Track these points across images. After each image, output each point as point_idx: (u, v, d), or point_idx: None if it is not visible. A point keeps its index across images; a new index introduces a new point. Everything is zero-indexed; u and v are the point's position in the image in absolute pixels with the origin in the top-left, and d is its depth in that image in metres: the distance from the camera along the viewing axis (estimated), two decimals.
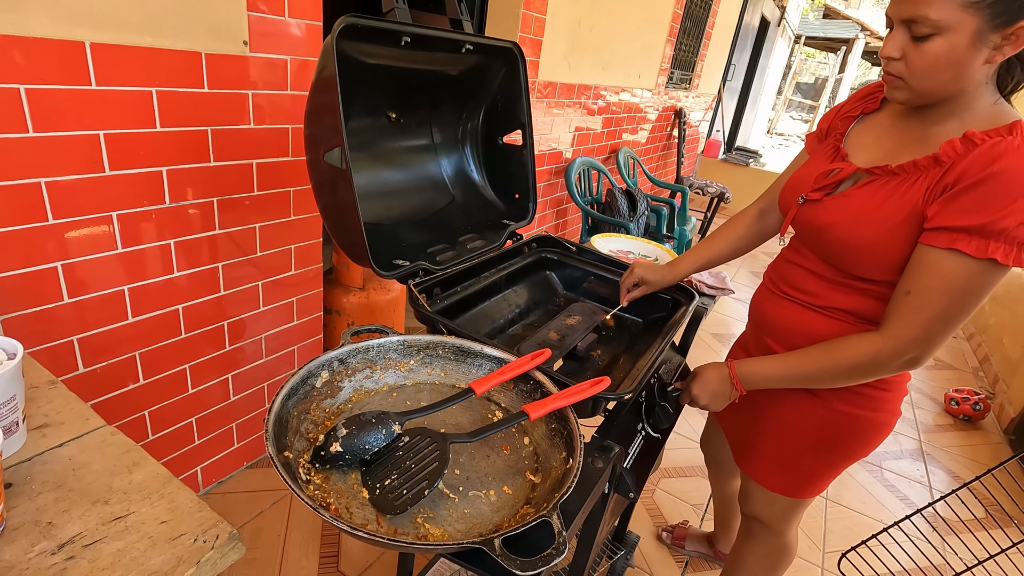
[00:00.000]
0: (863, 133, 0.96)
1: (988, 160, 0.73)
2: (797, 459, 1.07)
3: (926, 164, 0.81)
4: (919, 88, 0.79)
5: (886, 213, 0.82)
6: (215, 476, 1.70)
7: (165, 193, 1.26)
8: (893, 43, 0.78)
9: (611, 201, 3.20)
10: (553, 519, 0.55)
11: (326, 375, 0.74)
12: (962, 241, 0.75)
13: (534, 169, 1.26)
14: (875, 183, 0.86)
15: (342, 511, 0.59)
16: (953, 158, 0.78)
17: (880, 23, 10.62)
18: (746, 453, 1.16)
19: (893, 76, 0.81)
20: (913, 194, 0.81)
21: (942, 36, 0.73)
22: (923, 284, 0.79)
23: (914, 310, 0.80)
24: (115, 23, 1.07)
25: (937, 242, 0.77)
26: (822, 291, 0.94)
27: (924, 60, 0.76)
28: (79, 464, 0.64)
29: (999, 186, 0.72)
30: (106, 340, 1.27)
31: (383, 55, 1.02)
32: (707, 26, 4.71)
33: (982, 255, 0.74)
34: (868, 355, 0.85)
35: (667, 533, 1.78)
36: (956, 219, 0.75)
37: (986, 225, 0.73)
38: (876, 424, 1.00)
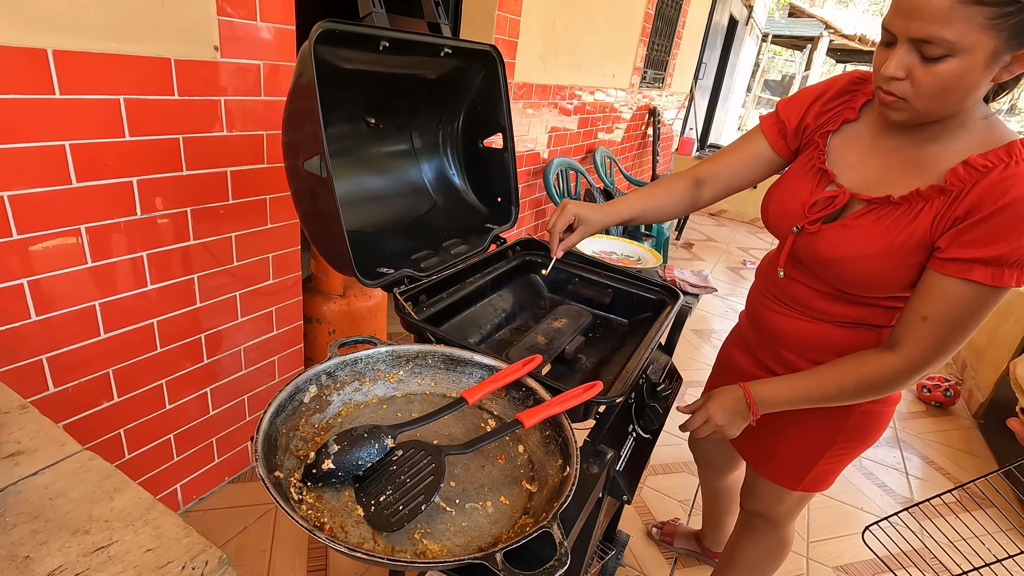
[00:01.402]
0: (843, 148, 0.92)
1: (1000, 192, 0.73)
2: (817, 456, 1.06)
3: (931, 194, 0.80)
4: (923, 110, 0.76)
5: (894, 245, 0.82)
6: (196, 493, 1.66)
7: (136, 204, 1.22)
8: (897, 62, 0.73)
9: (589, 201, 3.21)
10: (554, 529, 0.55)
11: (314, 390, 0.73)
12: (977, 272, 0.75)
13: (516, 172, 1.26)
14: (876, 212, 0.84)
15: (337, 530, 0.58)
16: (959, 187, 0.77)
17: (844, 21, 10.90)
18: (763, 457, 1.15)
19: (895, 97, 0.76)
20: (919, 224, 0.80)
21: (956, 58, 0.69)
22: (939, 311, 0.79)
23: (930, 335, 0.81)
24: (78, 29, 1.03)
25: (952, 272, 0.77)
26: (830, 307, 0.94)
27: (934, 83, 0.71)
28: (56, 493, 0.61)
29: (1012, 218, 0.72)
30: (77, 358, 1.22)
31: (361, 60, 1.00)
32: (678, 25, 4.76)
33: (997, 283, 0.75)
34: (888, 376, 0.86)
35: (657, 529, 1.79)
36: (970, 251, 0.75)
37: (1002, 256, 0.74)
38: (884, 415, 1.02)
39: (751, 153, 1.03)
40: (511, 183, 1.27)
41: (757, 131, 1.03)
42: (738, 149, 1.05)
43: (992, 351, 2.86)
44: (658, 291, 1.21)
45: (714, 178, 1.07)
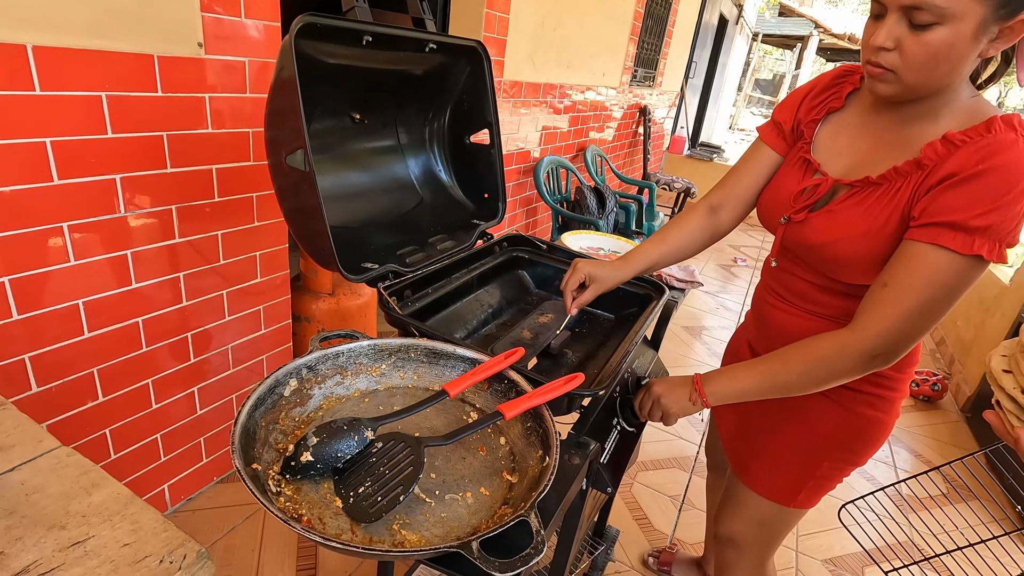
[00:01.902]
0: (833, 136, 0.91)
1: (977, 158, 0.71)
2: (806, 461, 1.00)
3: (908, 170, 0.78)
4: (912, 82, 0.74)
5: (876, 226, 0.80)
6: (184, 493, 1.65)
7: (119, 202, 1.22)
8: (887, 31, 0.71)
9: (580, 199, 3.22)
10: (531, 518, 0.55)
11: (295, 383, 0.72)
12: (946, 236, 0.72)
13: (502, 168, 1.26)
14: (858, 195, 0.83)
15: (315, 522, 0.58)
16: (936, 161, 0.75)
17: (834, 20, 10.97)
18: (748, 458, 1.08)
19: (883, 69, 0.74)
20: (899, 201, 0.78)
21: (946, 25, 0.67)
22: (902, 277, 0.75)
23: (888, 303, 0.77)
24: (58, 25, 1.02)
25: (920, 236, 0.74)
26: (827, 300, 0.91)
27: (924, 51, 0.70)
28: (32, 488, 0.61)
29: (990, 182, 0.70)
30: (61, 357, 1.22)
31: (344, 55, 1.00)
32: (668, 24, 4.78)
33: (967, 251, 0.71)
34: (835, 351, 0.81)
35: (653, 559, 1.68)
36: (941, 214, 0.72)
37: (971, 220, 0.70)
38: (884, 426, 0.97)
39: (758, 164, 1.01)
40: (498, 179, 1.27)
41: (758, 142, 1.02)
42: (745, 164, 1.03)
43: (979, 346, 2.89)
44: (644, 286, 1.21)
45: (728, 199, 1.04)
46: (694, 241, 1.07)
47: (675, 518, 1.88)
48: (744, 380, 0.89)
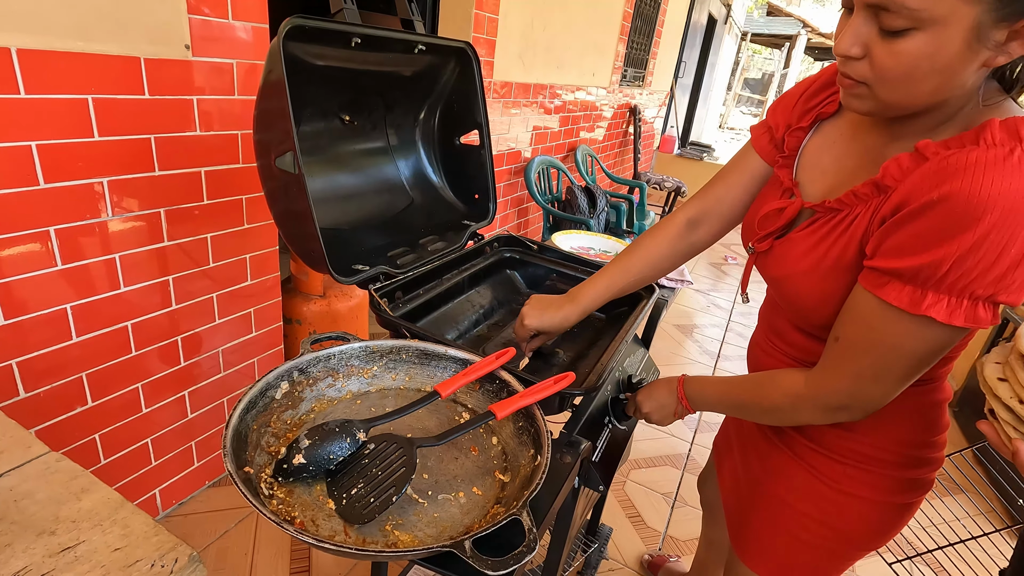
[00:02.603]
0: (821, 150, 0.75)
1: (934, 181, 0.54)
2: (791, 543, 0.86)
3: (867, 192, 0.63)
4: (888, 99, 0.58)
5: (827, 262, 0.66)
6: (175, 498, 1.64)
7: (107, 205, 1.21)
8: (852, 35, 0.56)
9: (571, 199, 3.23)
10: (523, 517, 0.55)
11: (286, 386, 0.72)
12: (892, 289, 0.58)
13: (493, 169, 1.26)
14: (817, 223, 0.69)
15: (308, 524, 0.58)
16: (898, 180, 0.59)
17: (822, 20, 11.07)
18: (741, 528, 0.96)
19: (853, 80, 0.60)
20: (854, 232, 0.64)
21: (925, 31, 0.52)
22: (851, 331, 0.64)
23: (840, 359, 0.66)
24: (43, 27, 1.02)
25: (867, 284, 0.61)
26: (804, 342, 0.78)
27: (897, 63, 0.54)
28: (21, 494, 0.60)
29: (942, 216, 0.53)
30: (49, 362, 1.20)
31: (333, 56, 1.00)
32: (657, 24, 4.81)
33: (915, 310, 0.56)
34: (786, 398, 0.73)
35: (648, 557, 1.68)
36: (889, 258, 0.58)
37: (922, 269, 0.55)
38: (886, 511, 0.79)
39: (744, 174, 0.87)
40: (488, 179, 1.27)
41: (748, 147, 0.88)
42: (731, 173, 0.89)
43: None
44: None
45: (709, 215, 0.92)
46: (663, 265, 0.96)
47: (668, 516, 1.90)
48: (717, 403, 0.86)
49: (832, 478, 0.79)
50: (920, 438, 0.77)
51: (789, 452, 0.84)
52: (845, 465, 0.78)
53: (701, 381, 0.89)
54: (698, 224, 0.94)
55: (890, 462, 0.77)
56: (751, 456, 0.93)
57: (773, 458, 0.87)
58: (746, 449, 0.96)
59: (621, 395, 1.03)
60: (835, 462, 0.79)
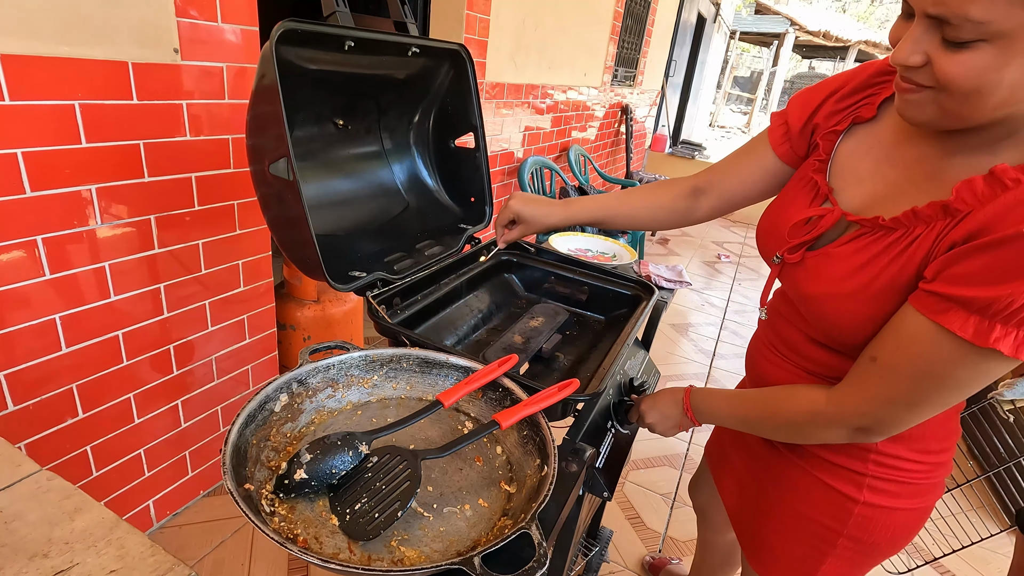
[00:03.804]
0: (856, 155, 0.71)
1: (1021, 215, 0.51)
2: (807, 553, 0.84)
3: (931, 215, 0.59)
4: (952, 109, 0.55)
5: (877, 285, 0.62)
6: (169, 508, 1.61)
7: (96, 213, 1.18)
8: (913, 43, 0.53)
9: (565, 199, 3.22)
10: (532, 530, 0.54)
11: (285, 398, 0.71)
12: (957, 316, 0.54)
13: (488, 171, 1.25)
14: (864, 239, 0.65)
15: (311, 541, 0.56)
16: (972, 205, 0.55)
17: (809, 17, 11.15)
18: (758, 549, 0.93)
19: (916, 85, 0.56)
20: (912, 255, 0.60)
21: (991, 44, 0.49)
22: (893, 355, 0.60)
23: (874, 382, 0.63)
24: (26, 32, 0.99)
25: (923, 307, 0.57)
26: (821, 357, 0.74)
27: (963, 75, 0.51)
28: (12, 516, 0.58)
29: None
30: (38, 374, 1.18)
31: (326, 60, 0.98)
32: (647, 23, 4.81)
33: (981, 342, 0.53)
34: (806, 415, 0.70)
35: (650, 558, 1.68)
36: (955, 285, 0.54)
37: (995, 300, 0.51)
38: (900, 517, 0.78)
39: (753, 160, 0.85)
40: (484, 182, 1.26)
41: (763, 134, 0.85)
42: (741, 156, 0.87)
43: None
44: (633, 287, 1.21)
45: (714, 188, 0.90)
46: (658, 216, 0.95)
47: (667, 516, 1.89)
48: (725, 418, 0.84)
49: (855, 492, 0.77)
50: (939, 445, 0.76)
51: (802, 464, 0.82)
52: (867, 477, 0.76)
53: (709, 394, 0.87)
54: (701, 193, 0.93)
55: (912, 471, 0.75)
56: (754, 465, 0.92)
57: (782, 470, 0.85)
58: (747, 458, 0.94)
59: (624, 399, 1.02)
60: (857, 475, 0.77)
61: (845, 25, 11.58)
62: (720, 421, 0.86)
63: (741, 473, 0.96)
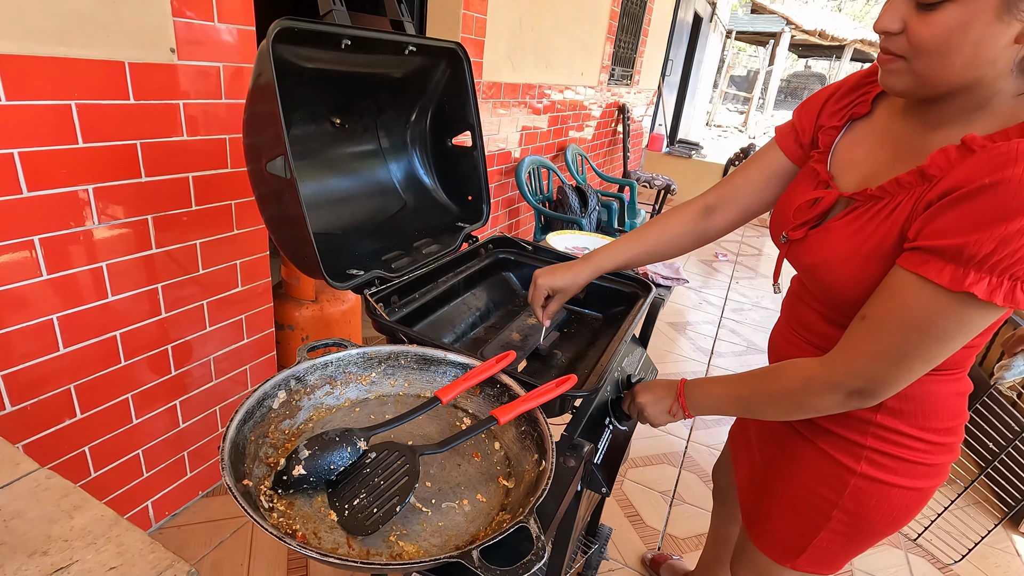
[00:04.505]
0: (853, 145, 0.78)
1: (989, 168, 0.56)
2: (813, 529, 0.86)
3: (911, 181, 0.65)
4: (924, 71, 0.62)
5: (867, 248, 0.68)
6: (168, 509, 1.61)
7: (93, 213, 1.18)
8: (892, 11, 0.62)
9: (562, 198, 3.23)
10: (530, 524, 0.54)
11: (283, 395, 0.71)
12: (934, 266, 0.59)
13: (486, 170, 1.25)
14: (856, 211, 0.71)
15: (310, 537, 0.57)
16: (945, 170, 0.61)
17: (804, 16, 11.18)
18: (756, 519, 0.96)
19: (892, 55, 0.64)
20: (896, 218, 0.65)
21: (956, 3, 0.57)
22: (880, 310, 0.65)
23: (864, 338, 0.67)
24: (22, 32, 0.99)
25: (906, 263, 0.62)
26: (834, 334, 0.75)
27: (932, 34, 0.59)
28: (11, 514, 0.58)
29: (993, 199, 0.55)
30: (35, 374, 1.18)
31: (323, 59, 0.98)
32: (644, 23, 4.82)
33: (956, 287, 0.58)
34: (800, 380, 0.73)
35: (651, 554, 1.69)
36: (932, 238, 0.60)
37: (966, 247, 0.57)
38: (899, 495, 0.80)
39: (768, 169, 0.90)
40: (481, 181, 1.26)
41: (772, 144, 0.91)
42: (753, 166, 0.92)
43: None
44: (630, 284, 1.22)
45: (726, 202, 0.94)
46: (675, 243, 0.99)
47: (666, 514, 1.90)
48: (719, 398, 0.85)
49: (853, 463, 0.80)
50: (943, 424, 0.77)
51: (808, 437, 0.85)
52: (866, 449, 0.78)
53: (704, 380, 0.89)
54: (714, 210, 0.96)
55: (912, 447, 0.77)
56: (768, 442, 0.93)
57: (790, 441, 0.88)
58: (764, 435, 0.96)
59: (621, 395, 1.02)
60: (856, 446, 0.79)
61: (841, 24, 11.61)
62: (716, 404, 0.86)
63: (755, 450, 0.98)
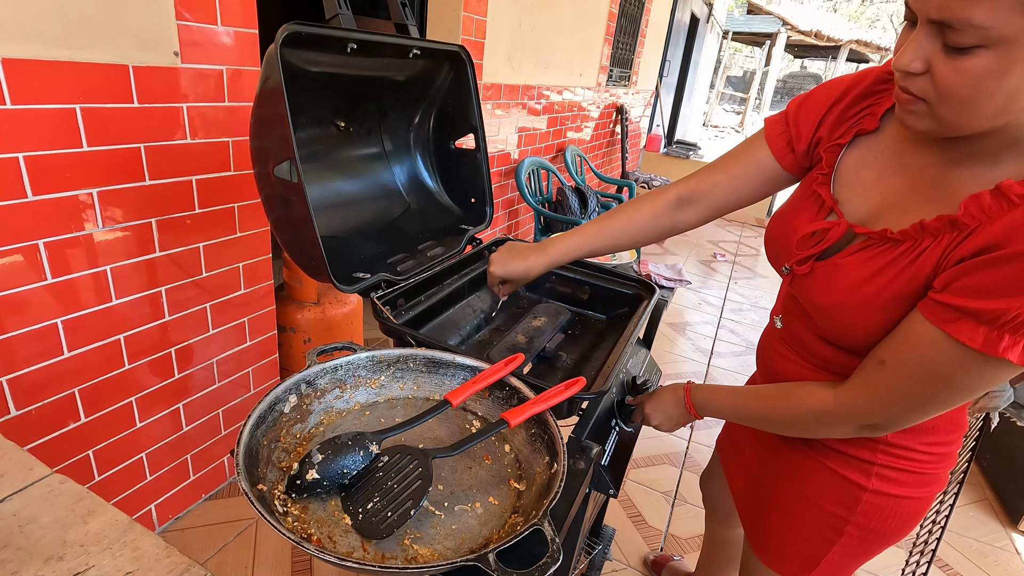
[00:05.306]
0: (860, 166, 0.72)
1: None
2: (812, 539, 0.85)
3: (939, 228, 0.60)
4: (949, 119, 0.56)
5: (886, 295, 0.64)
6: (172, 512, 1.61)
7: (97, 217, 1.18)
8: (915, 50, 0.54)
9: (562, 199, 3.23)
10: (545, 526, 0.55)
11: (294, 399, 0.71)
12: (966, 326, 0.56)
13: (489, 172, 1.25)
14: (872, 250, 0.66)
15: (325, 541, 0.57)
16: (978, 221, 0.56)
17: (800, 17, 11.21)
18: (763, 537, 0.94)
19: (913, 97, 0.57)
20: (920, 267, 0.61)
21: (992, 51, 0.49)
22: (902, 359, 0.62)
23: (882, 384, 0.65)
24: (28, 36, 0.99)
25: (933, 317, 0.58)
26: (832, 356, 0.75)
27: (961, 82, 0.52)
28: (26, 519, 0.58)
29: None
30: (40, 378, 1.18)
31: (328, 63, 0.98)
32: (642, 24, 4.83)
33: (990, 351, 0.54)
34: (813, 413, 0.72)
35: (652, 555, 1.69)
36: (967, 297, 0.56)
37: (1004, 313, 0.53)
38: (907, 505, 0.79)
39: (753, 167, 0.84)
40: (485, 183, 1.26)
41: (759, 137, 0.84)
42: (734, 163, 0.86)
43: None
44: (634, 286, 1.22)
45: (702, 198, 0.89)
46: (641, 236, 0.93)
47: (668, 514, 1.90)
48: (726, 412, 0.86)
49: (864, 480, 0.79)
50: (947, 437, 0.77)
51: (812, 454, 0.83)
52: (876, 466, 0.78)
53: (710, 392, 0.89)
54: (687, 204, 0.91)
55: (921, 460, 0.77)
56: (766, 455, 0.93)
57: (791, 458, 0.87)
58: (757, 447, 0.96)
59: (627, 397, 1.03)
60: (866, 464, 0.78)
61: (836, 25, 11.65)
62: (724, 416, 0.88)
63: (750, 462, 0.98)
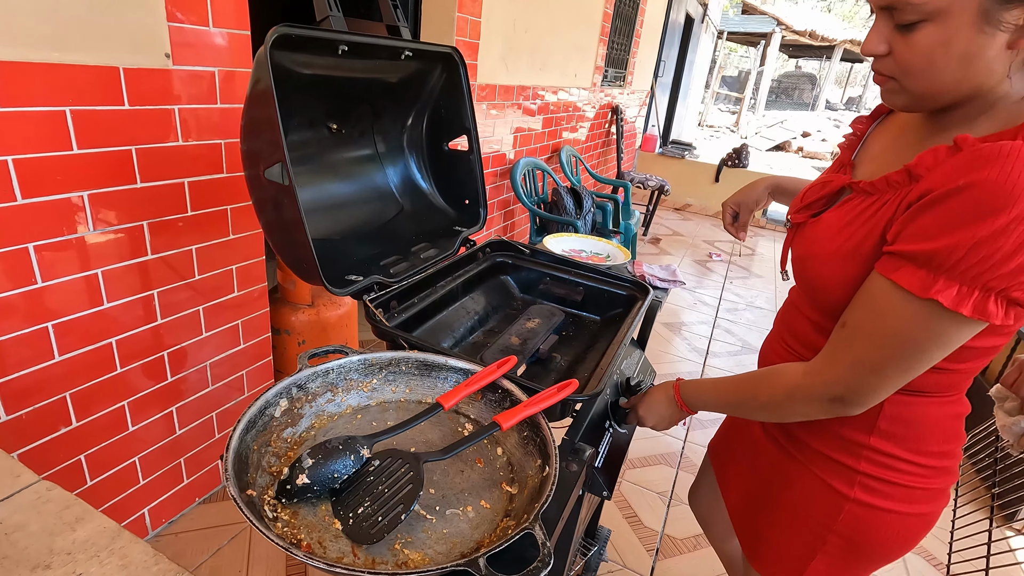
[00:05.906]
0: (876, 140, 0.78)
1: (964, 169, 0.54)
2: (800, 551, 0.84)
3: (899, 179, 0.64)
4: (917, 90, 0.62)
5: (850, 245, 0.66)
6: (165, 516, 1.60)
7: (88, 219, 1.17)
8: (876, 35, 0.62)
9: (557, 200, 3.23)
10: (536, 530, 0.54)
11: (285, 403, 0.71)
12: (906, 272, 0.58)
13: (482, 173, 1.25)
14: (851, 203, 0.70)
15: (315, 546, 0.56)
16: (931, 169, 0.60)
17: (795, 17, 11.26)
18: (754, 543, 0.94)
19: (884, 76, 0.65)
20: (881, 217, 0.64)
21: (933, 22, 0.56)
22: (858, 317, 0.64)
23: (842, 347, 0.66)
24: (16, 38, 0.98)
25: (881, 268, 0.61)
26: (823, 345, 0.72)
27: (915, 55, 0.59)
28: (12, 527, 0.58)
29: (966, 202, 0.53)
30: (30, 382, 1.17)
31: (320, 65, 0.98)
32: (636, 24, 4.84)
33: (923, 294, 0.56)
34: (785, 389, 0.72)
35: None
36: (907, 242, 0.58)
37: (936, 253, 0.55)
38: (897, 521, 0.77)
39: None
40: (478, 185, 1.26)
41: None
42: None
43: None
44: (628, 287, 1.22)
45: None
46: None
47: (664, 515, 1.90)
48: (712, 404, 0.87)
49: (847, 490, 0.77)
50: (938, 447, 0.75)
51: (801, 461, 0.83)
52: (859, 475, 0.76)
53: (697, 385, 0.89)
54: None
55: (907, 472, 0.75)
56: (761, 462, 0.92)
57: (781, 463, 0.86)
58: (751, 453, 0.95)
59: (621, 399, 1.03)
60: (850, 471, 0.77)
61: (830, 25, 11.70)
62: (711, 407, 0.88)
63: (744, 469, 0.97)
